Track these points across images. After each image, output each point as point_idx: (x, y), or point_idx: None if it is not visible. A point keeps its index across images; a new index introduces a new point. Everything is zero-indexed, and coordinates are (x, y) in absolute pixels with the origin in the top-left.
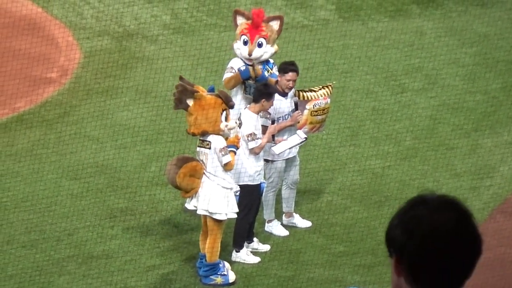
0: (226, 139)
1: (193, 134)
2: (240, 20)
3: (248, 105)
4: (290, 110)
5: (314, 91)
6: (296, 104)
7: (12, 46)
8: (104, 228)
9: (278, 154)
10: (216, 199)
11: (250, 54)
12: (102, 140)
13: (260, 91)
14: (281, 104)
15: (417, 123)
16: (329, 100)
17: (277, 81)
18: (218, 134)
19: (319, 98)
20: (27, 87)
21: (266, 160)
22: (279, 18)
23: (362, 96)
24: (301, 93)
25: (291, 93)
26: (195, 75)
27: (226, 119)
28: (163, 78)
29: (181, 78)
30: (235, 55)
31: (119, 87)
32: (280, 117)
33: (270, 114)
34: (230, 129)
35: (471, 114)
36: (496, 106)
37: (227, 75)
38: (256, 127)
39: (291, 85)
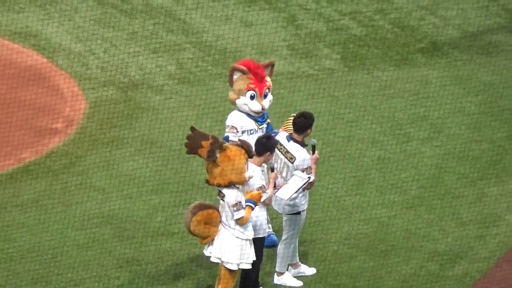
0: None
1: (218, 185)
2: (237, 75)
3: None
4: None
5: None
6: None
7: (18, 96)
8: (110, 278)
9: (287, 199)
10: (229, 249)
11: (263, 108)
12: (108, 190)
13: (264, 145)
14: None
15: (422, 172)
16: None
17: None
18: (243, 184)
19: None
20: (33, 137)
21: (296, 213)
22: (271, 64)
23: (367, 145)
24: None
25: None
26: (200, 125)
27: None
28: (169, 128)
29: (192, 129)
30: (239, 109)
31: (125, 137)
32: None
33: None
34: (250, 178)
35: (477, 163)
36: (502, 154)
37: (232, 136)
38: (262, 179)
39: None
